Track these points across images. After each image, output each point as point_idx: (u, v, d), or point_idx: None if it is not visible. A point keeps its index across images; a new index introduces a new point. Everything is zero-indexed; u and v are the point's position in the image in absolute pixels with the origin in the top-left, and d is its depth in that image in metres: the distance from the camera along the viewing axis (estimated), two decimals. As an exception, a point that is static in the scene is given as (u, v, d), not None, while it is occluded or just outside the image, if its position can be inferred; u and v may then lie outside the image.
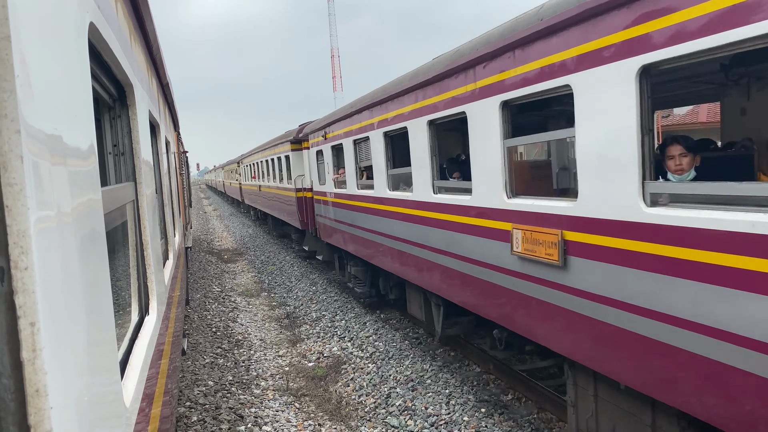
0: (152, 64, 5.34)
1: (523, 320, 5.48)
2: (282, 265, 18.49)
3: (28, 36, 1.21)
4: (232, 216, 40.02)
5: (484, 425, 6.69)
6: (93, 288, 1.69)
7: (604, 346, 4.39)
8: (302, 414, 7.56)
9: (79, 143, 1.67)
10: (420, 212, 7.61)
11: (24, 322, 1.08)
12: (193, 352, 9.95)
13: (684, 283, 3.62)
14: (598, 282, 4.36)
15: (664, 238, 3.72)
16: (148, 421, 2.78)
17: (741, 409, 3.35)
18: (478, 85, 5.76)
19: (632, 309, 4.06)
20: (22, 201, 1.09)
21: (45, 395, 1.11)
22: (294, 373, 9.08)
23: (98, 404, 1.65)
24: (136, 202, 3.45)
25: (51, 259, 1.26)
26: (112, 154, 3.38)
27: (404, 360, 8.92)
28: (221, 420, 7.26)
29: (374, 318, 11.35)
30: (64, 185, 1.45)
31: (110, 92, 3.13)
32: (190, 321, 11.90)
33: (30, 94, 1.19)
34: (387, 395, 7.85)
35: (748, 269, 3.21)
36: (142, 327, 3.24)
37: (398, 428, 6.94)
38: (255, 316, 12.85)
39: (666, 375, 3.84)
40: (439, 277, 7.28)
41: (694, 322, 3.59)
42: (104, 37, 2.34)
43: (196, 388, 8.28)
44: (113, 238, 3.26)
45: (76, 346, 1.42)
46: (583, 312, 4.57)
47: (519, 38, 4.94)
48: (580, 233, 4.51)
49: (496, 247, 5.72)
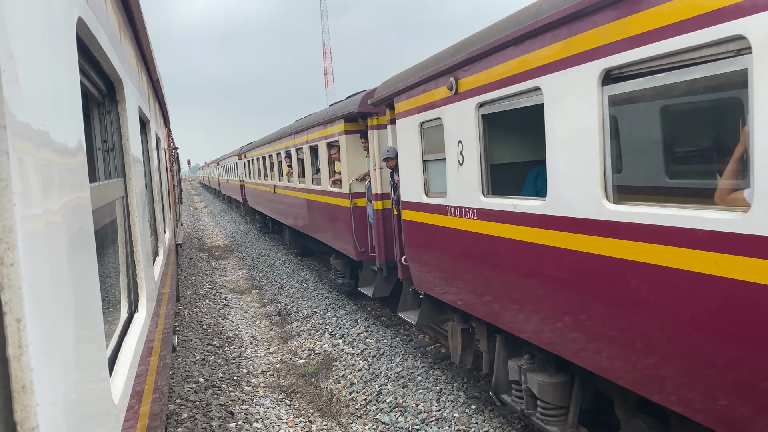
0: (142, 60, 5.31)
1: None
2: (273, 262, 18.45)
3: (14, 30, 1.21)
4: (223, 213, 39.88)
5: (475, 422, 6.72)
6: (81, 284, 1.68)
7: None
8: (293, 411, 7.56)
9: (66, 139, 1.66)
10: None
11: (10, 318, 1.08)
12: (184, 349, 9.92)
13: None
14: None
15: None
16: (138, 418, 2.77)
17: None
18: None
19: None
20: (8, 197, 1.09)
21: (31, 392, 1.11)
22: (285, 370, 9.07)
23: (86, 401, 1.64)
24: (125, 199, 3.44)
25: (38, 255, 1.25)
26: (101, 150, 3.36)
27: (395, 357, 8.93)
28: (212, 417, 7.24)
29: (365, 315, 11.35)
30: (52, 181, 1.44)
31: (99, 88, 3.11)
32: (180, 318, 11.86)
33: (17, 89, 1.18)
34: (378, 392, 7.86)
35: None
36: (131, 324, 3.23)
37: (389, 425, 6.96)
38: (246, 313, 12.82)
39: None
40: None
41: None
42: (93, 32, 2.32)
43: (186, 385, 8.25)
44: (102, 234, 3.24)
45: (63, 343, 1.41)
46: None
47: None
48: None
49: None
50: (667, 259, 3.61)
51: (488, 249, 5.84)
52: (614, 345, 4.20)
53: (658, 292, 3.73)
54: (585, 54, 4.19)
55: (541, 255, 4.95)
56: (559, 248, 4.68)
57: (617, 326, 4.14)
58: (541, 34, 4.67)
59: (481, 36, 5.73)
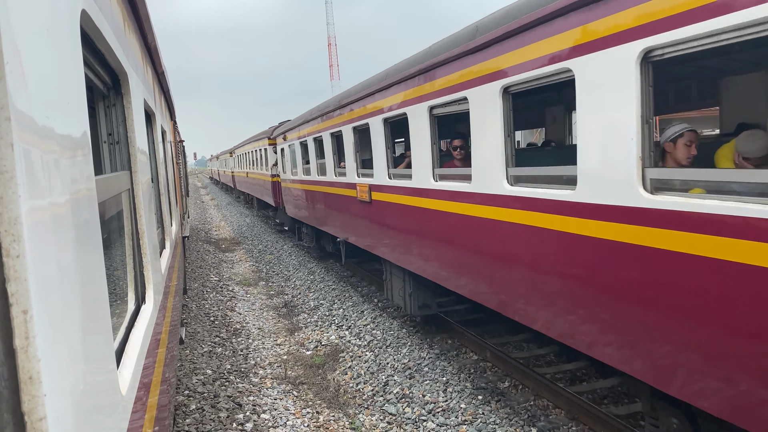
0: (147, 53, 5.31)
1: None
2: (280, 255, 18.50)
3: (18, 24, 1.21)
4: (230, 205, 39.98)
5: (481, 412, 6.73)
6: (87, 276, 1.69)
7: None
8: (300, 402, 7.60)
9: (72, 131, 1.66)
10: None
11: (16, 309, 1.09)
12: (192, 341, 9.98)
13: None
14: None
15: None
16: (146, 410, 2.79)
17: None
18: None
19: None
20: (13, 189, 1.09)
21: (39, 382, 1.12)
22: (292, 362, 9.11)
23: (93, 392, 1.65)
24: (131, 191, 3.45)
25: (44, 247, 1.26)
26: (107, 143, 3.37)
27: (402, 348, 8.95)
28: (219, 408, 7.29)
29: (372, 306, 11.38)
30: (57, 173, 1.44)
31: (104, 81, 3.11)
32: (188, 310, 11.92)
33: (21, 82, 1.19)
34: (384, 383, 7.89)
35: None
36: (138, 316, 3.24)
37: (396, 415, 6.99)
38: (253, 305, 12.87)
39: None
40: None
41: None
42: (97, 24, 2.32)
43: (194, 377, 8.31)
44: (109, 227, 3.26)
45: (70, 334, 1.42)
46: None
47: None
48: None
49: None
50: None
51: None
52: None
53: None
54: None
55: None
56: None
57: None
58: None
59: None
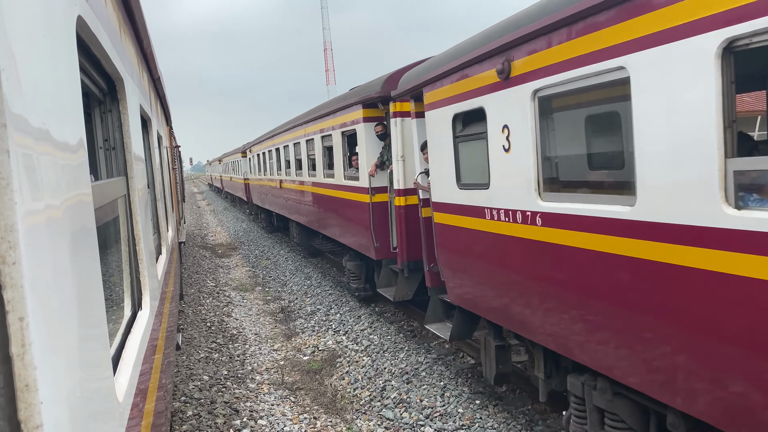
0: (143, 58, 5.31)
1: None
2: (276, 260, 18.46)
3: (14, 29, 1.20)
4: (226, 211, 39.91)
5: (479, 417, 6.72)
6: (84, 283, 1.68)
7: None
8: (297, 407, 7.57)
9: (67, 137, 1.66)
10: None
11: (12, 317, 1.08)
12: (188, 347, 9.94)
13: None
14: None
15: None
16: (142, 416, 2.78)
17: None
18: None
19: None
20: (9, 195, 1.08)
21: (35, 390, 1.11)
22: (289, 367, 9.08)
23: (90, 399, 1.64)
24: (127, 197, 3.44)
25: (40, 253, 1.25)
26: (103, 148, 3.36)
27: (399, 353, 8.94)
28: (216, 414, 7.26)
29: (369, 311, 11.36)
30: (53, 180, 1.44)
31: (100, 86, 3.11)
32: (184, 316, 11.88)
33: (17, 88, 1.18)
34: (382, 388, 7.87)
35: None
36: (135, 322, 3.23)
37: (393, 421, 6.97)
38: (250, 310, 12.83)
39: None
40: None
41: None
42: (93, 30, 2.32)
43: (191, 383, 8.27)
44: (105, 233, 3.25)
45: (66, 341, 1.41)
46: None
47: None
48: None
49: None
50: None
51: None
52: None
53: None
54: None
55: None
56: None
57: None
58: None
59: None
